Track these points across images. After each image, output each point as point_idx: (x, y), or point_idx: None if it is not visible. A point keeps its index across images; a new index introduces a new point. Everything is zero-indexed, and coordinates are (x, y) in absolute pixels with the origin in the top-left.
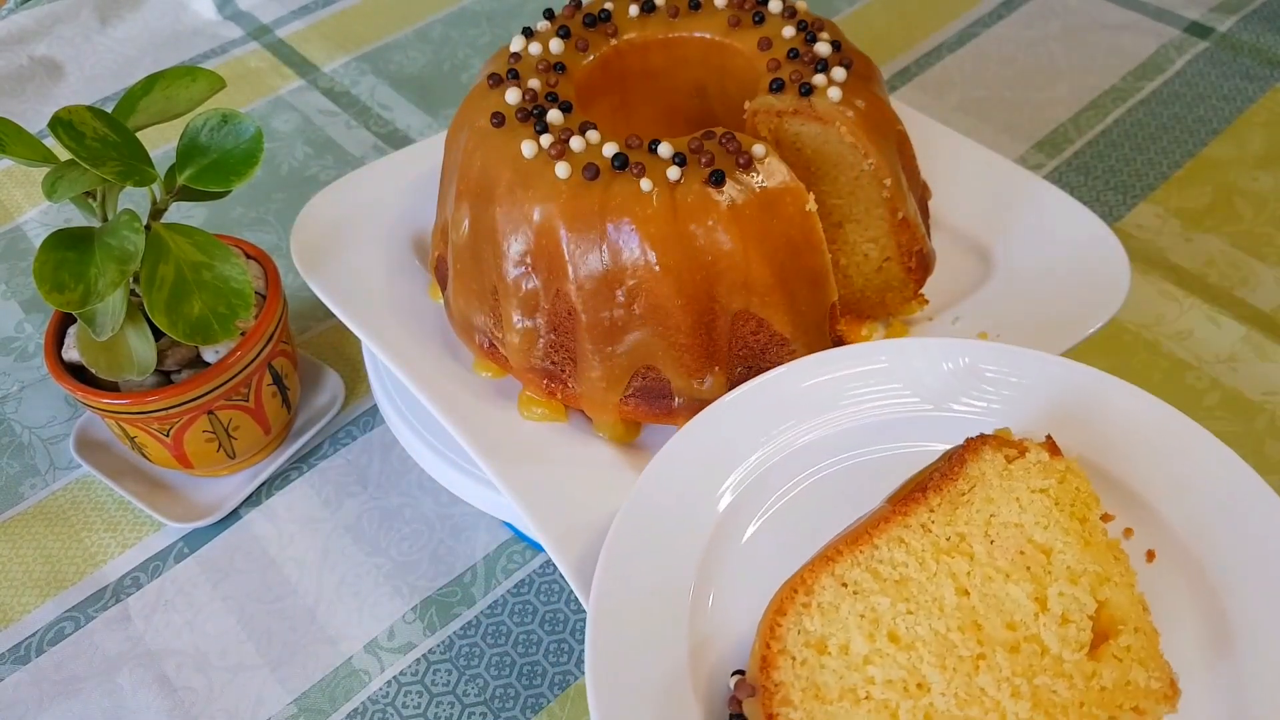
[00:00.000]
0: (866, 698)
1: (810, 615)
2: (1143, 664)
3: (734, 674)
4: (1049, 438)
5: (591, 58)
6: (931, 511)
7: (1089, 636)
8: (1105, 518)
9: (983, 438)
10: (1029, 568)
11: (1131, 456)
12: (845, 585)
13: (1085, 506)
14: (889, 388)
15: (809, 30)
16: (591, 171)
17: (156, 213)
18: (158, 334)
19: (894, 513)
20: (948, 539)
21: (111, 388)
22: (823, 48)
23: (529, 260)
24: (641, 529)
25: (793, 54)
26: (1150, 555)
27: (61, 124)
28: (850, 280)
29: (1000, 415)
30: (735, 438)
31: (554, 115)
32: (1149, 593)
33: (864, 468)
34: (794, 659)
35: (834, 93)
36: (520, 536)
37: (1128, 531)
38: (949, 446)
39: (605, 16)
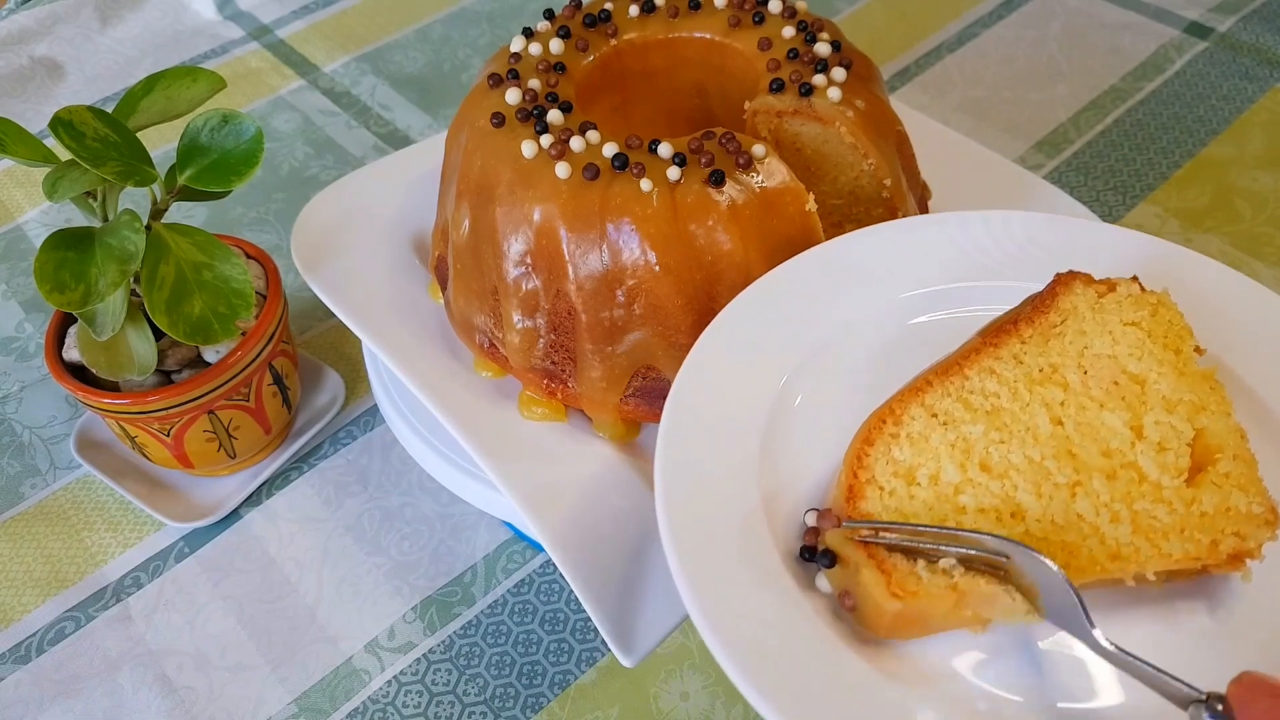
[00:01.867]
0: (959, 527)
1: (899, 445)
2: (1243, 489)
3: (808, 511)
4: (1134, 277)
5: (591, 58)
6: (1024, 343)
7: (1187, 463)
8: (1198, 350)
9: (1073, 273)
10: (1124, 397)
11: (1205, 321)
12: (935, 415)
13: (1179, 338)
14: (950, 256)
15: (809, 30)
16: (591, 171)
17: (157, 213)
18: (158, 334)
19: (985, 344)
20: (1040, 370)
21: (112, 388)
22: (823, 48)
23: (529, 260)
24: (705, 386)
25: (792, 54)
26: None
27: (62, 124)
28: None
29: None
30: (794, 304)
31: (554, 115)
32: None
33: (931, 327)
34: (882, 489)
35: (834, 93)
36: (520, 536)
37: (1213, 370)
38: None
39: (605, 17)
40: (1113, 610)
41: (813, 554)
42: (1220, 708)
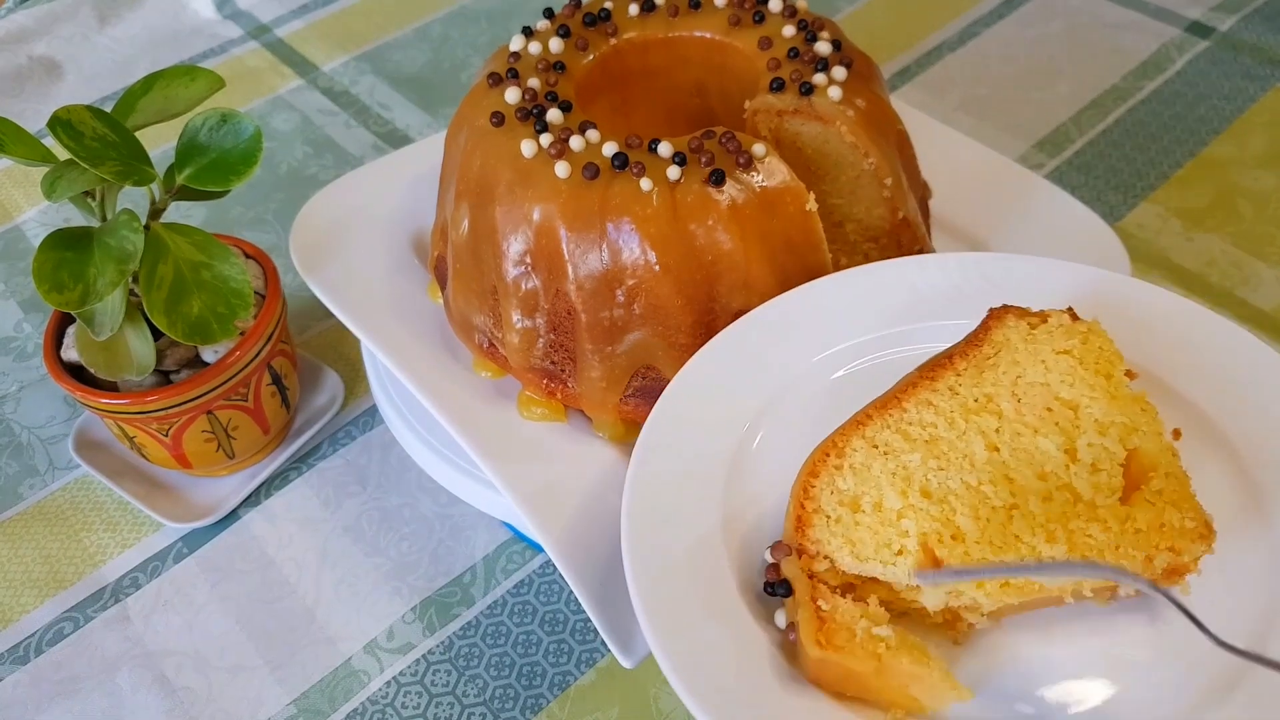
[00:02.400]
0: (901, 551)
1: (843, 475)
2: (1176, 505)
3: (769, 547)
4: (1069, 308)
5: (591, 57)
6: (958, 375)
7: (1121, 483)
8: (1129, 374)
9: (1006, 307)
10: (1057, 423)
11: (1150, 345)
12: (876, 446)
13: (1109, 363)
14: (904, 300)
15: (809, 29)
16: (591, 171)
17: (155, 212)
18: (157, 334)
19: (921, 378)
20: (975, 400)
21: (110, 388)
22: (823, 47)
23: (529, 260)
24: (677, 422)
25: (793, 53)
26: (1177, 433)
27: (60, 123)
28: None
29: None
30: (763, 347)
31: (554, 115)
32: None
33: (884, 368)
34: (829, 517)
35: (834, 92)
36: (520, 536)
37: (1144, 393)
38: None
39: (605, 16)
40: (1060, 624)
41: (774, 589)
42: None
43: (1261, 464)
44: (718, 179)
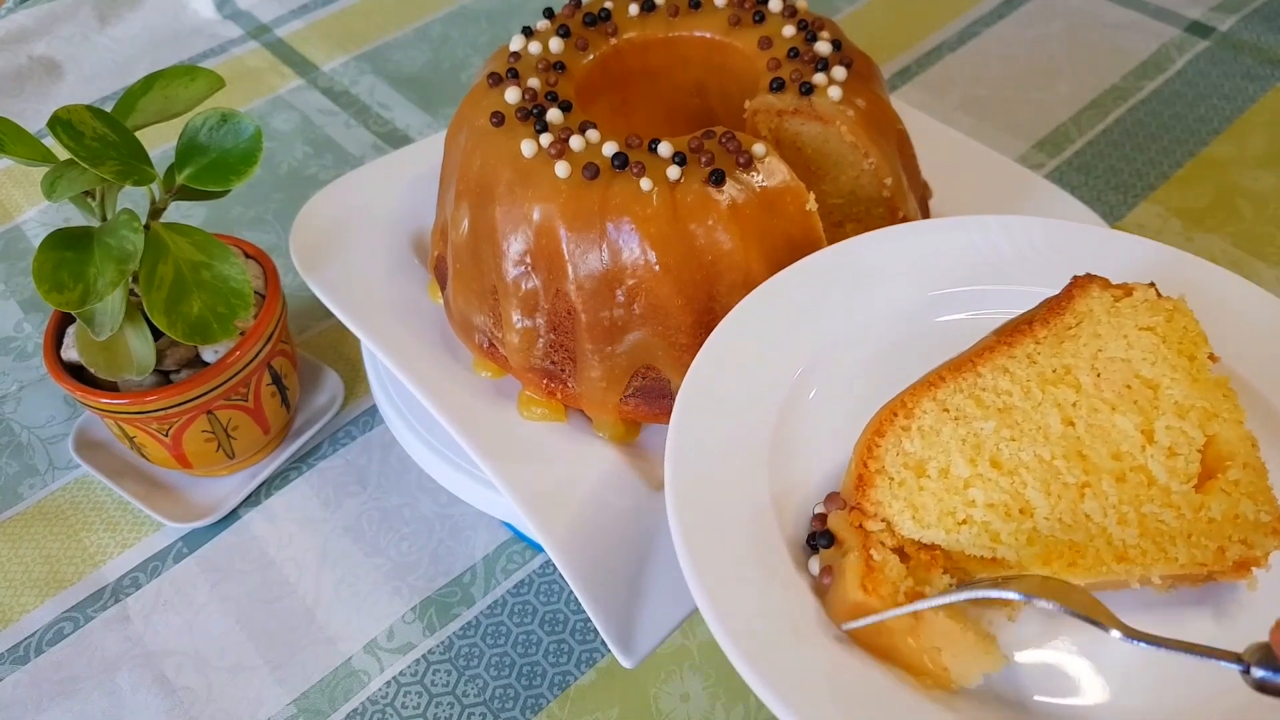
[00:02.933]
0: (965, 521)
1: (910, 437)
2: (1251, 498)
3: (824, 499)
4: (1152, 284)
5: (591, 57)
6: (1037, 343)
7: (1197, 469)
8: (1212, 357)
9: (1090, 276)
10: (1136, 401)
11: (1224, 332)
12: (947, 410)
13: (1193, 344)
14: (966, 259)
15: (809, 29)
16: (591, 171)
17: (155, 212)
18: (157, 334)
19: (999, 343)
20: (1053, 370)
21: (110, 387)
22: (823, 47)
23: (529, 260)
24: (717, 378)
25: (793, 53)
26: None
27: (60, 123)
28: None
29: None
30: (806, 302)
31: (554, 114)
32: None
33: (948, 327)
34: (892, 479)
35: (834, 92)
36: (520, 536)
37: (1226, 378)
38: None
39: (605, 16)
40: (1117, 611)
41: (817, 540)
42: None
43: None
44: (718, 179)
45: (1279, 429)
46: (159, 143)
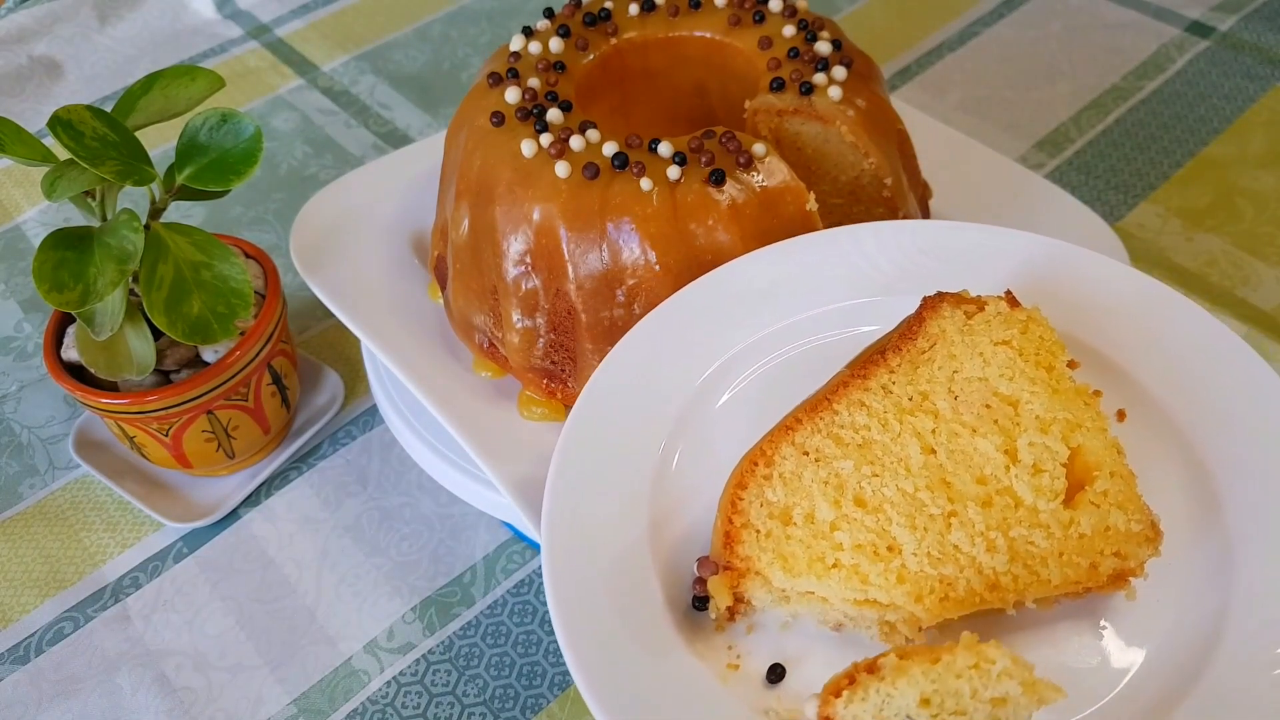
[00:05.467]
0: (835, 565)
1: (772, 486)
2: (1121, 508)
3: (697, 560)
4: (1008, 292)
5: (591, 57)
6: (892, 373)
7: (1063, 485)
8: (1071, 364)
9: (941, 295)
10: (996, 420)
11: (1096, 320)
12: (806, 453)
13: (1050, 354)
14: (842, 274)
15: (809, 29)
16: (591, 171)
17: (155, 212)
18: (157, 334)
19: (853, 377)
20: (910, 398)
21: (110, 387)
22: (823, 47)
23: (529, 259)
24: (600, 416)
25: (793, 53)
26: (1121, 415)
27: (61, 123)
28: None
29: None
30: (694, 330)
31: (554, 114)
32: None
33: (820, 351)
34: (758, 532)
35: (834, 92)
36: (520, 536)
37: (1096, 393)
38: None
39: (605, 15)
40: (1001, 629)
41: (704, 604)
42: None
43: (1210, 447)
44: (718, 179)
45: (1161, 420)
46: (159, 143)
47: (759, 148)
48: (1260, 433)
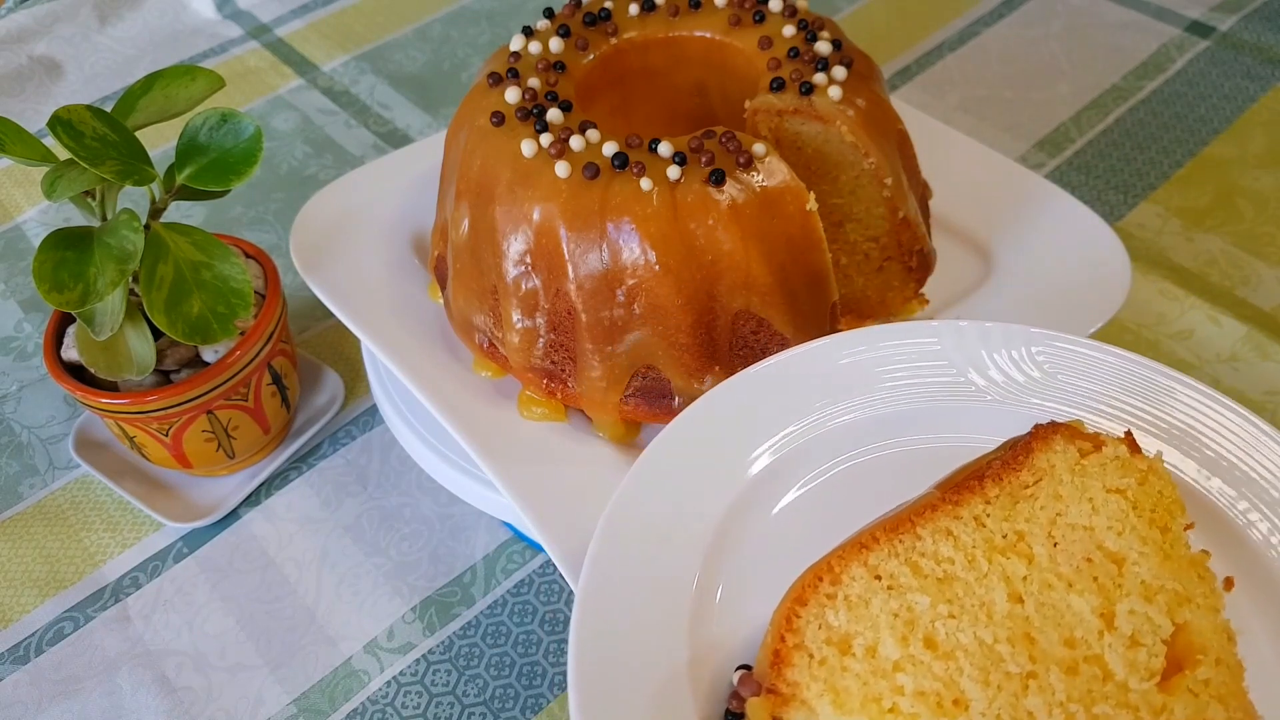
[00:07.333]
0: (892, 710)
1: (835, 608)
2: (1222, 701)
3: (739, 668)
4: (1128, 433)
5: (591, 57)
6: (988, 503)
7: (1161, 664)
8: (1188, 527)
9: (1054, 425)
10: (1096, 578)
11: (1212, 468)
12: (879, 578)
13: (1167, 514)
14: (938, 368)
15: (809, 29)
16: (591, 171)
17: (156, 212)
18: (157, 333)
19: (943, 501)
20: (1004, 536)
21: (110, 387)
22: (823, 46)
23: (529, 260)
24: (642, 509)
25: (793, 53)
26: (1229, 583)
27: (60, 123)
28: (851, 280)
29: (1069, 411)
30: (760, 412)
31: (554, 114)
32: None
33: (906, 457)
34: (812, 657)
35: (834, 92)
36: (520, 536)
37: (1204, 554)
38: (1007, 439)
39: (605, 15)
40: None
41: (737, 719)
42: None
43: None
44: (718, 179)
45: (1271, 588)
46: (159, 143)
47: (759, 148)
48: None
